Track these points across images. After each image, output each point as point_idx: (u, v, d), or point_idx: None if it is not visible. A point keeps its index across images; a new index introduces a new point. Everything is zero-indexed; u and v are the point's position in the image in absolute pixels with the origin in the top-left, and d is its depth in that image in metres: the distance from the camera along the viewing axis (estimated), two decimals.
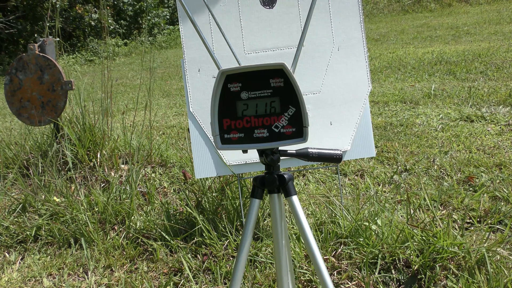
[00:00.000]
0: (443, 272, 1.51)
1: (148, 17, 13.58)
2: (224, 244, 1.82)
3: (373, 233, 1.71)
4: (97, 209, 2.17)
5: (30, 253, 2.00)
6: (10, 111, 2.82)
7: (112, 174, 2.57)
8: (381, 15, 11.06)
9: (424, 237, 1.61)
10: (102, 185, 2.50)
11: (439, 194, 2.02)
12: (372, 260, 1.60)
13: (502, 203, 1.93)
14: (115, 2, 13.59)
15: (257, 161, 1.83)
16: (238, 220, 1.93)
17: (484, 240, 1.58)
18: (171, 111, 4.85)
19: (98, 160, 2.63)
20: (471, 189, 2.14)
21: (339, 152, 0.76)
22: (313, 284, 1.56)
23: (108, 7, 13.06)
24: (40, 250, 2.01)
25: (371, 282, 1.53)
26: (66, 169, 2.62)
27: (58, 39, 2.90)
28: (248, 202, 1.99)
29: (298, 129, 0.62)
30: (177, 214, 2.13)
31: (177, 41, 12.04)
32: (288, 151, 0.74)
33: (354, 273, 1.58)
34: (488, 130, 2.91)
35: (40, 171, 2.54)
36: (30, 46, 2.67)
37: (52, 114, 2.69)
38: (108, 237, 2.02)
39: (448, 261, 1.53)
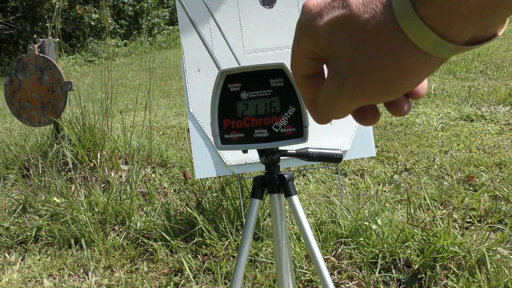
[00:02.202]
0: (443, 272, 1.51)
1: (148, 18, 13.58)
2: (224, 244, 1.82)
3: (374, 233, 1.71)
4: (97, 210, 2.17)
5: (31, 253, 2.00)
6: (10, 112, 2.82)
7: (112, 174, 2.57)
8: None
9: (424, 237, 1.61)
10: (102, 186, 2.50)
11: (439, 194, 2.02)
12: (373, 260, 1.60)
13: (502, 203, 1.93)
14: (115, 3, 13.60)
15: (257, 161, 1.83)
16: (239, 220, 1.93)
17: (484, 240, 1.58)
18: (171, 111, 4.85)
19: (98, 160, 2.63)
20: (471, 188, 2.14)
21: (339, 151, 0.76)
22: (314, 284, 1.56)
23: (108, 8, 13.06)
24: (40, 251, 2.01)
25: (371, 281, 1.53)
26: (66, 169, 2.62)
27: (58, 39, 2.90)
28: (248, 202, 1.99)
29: (298, 129, 0.62)
30: (177, 214, 2.13)
31: (176, 41, 12.04)
32: (288, 151, 0.74)
33: (354, 272, 1.58)
34: (488, 130, 2.91)
35: (40, 171, 2.54)
36: (29, 46, 2.67)
37: (52, 114, 2.69)
38: (109, 238, 2.02)
39: (448, 261, 1.53)
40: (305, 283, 1.57)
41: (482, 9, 0.27)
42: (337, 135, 1.80)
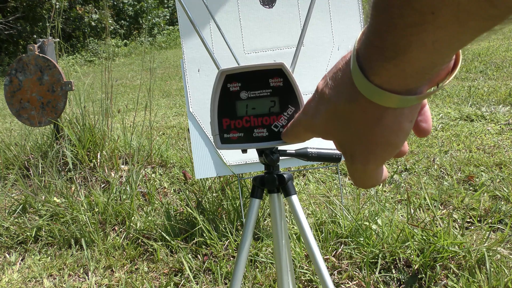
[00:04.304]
0: (443, 272, 1.51)
1: (148, 18, 13.59)
2: (224, 244, 1.82)
3: (374, 233, 1.71)
4: (97, 210, 2.17)
5: (31, 253, 2.00)
6: (10, 112, 2.82)
7: (112, 174, 2.57)
8: None
9: (424, 237, 1.61)
10: (102, 186, 2.50)
11: (439, 194, 2.02)
12: (373, 260, 1.60)
13: (502, 202, 1.93)
14: (115, 3, 13.60)
15: (257, 161, 1.83)
16: (238, 220, 1.93)
17: (484, 240, 1.58)
18: (171, 112, 4.85)
19: (98, 160, 2.63)
20: (471, 188, 2.14)
21: (338, 151, 0.76)
22: (314, 284, 1.56)
23: (108, 8, 13.07)
24: (40, 251, 2.01)
25: (371, 281, 1.53)
26: (66, 169, 2.62)
27: (58, 39, 2.90)
28: (248, 202, 1.99)
29: None
30: (178, 214, 2.13)
31: (176, 41, 12.04)
32: (287, 151, 0.74)
33: (354, 272, 1.58)
34: (488, 130, 2.91)
35: (40, 171, 2.54)
36: (29, 47, 2.67)
37: (52, 115, 2.69)
38: (109, 238, 2.02)
39: (448, 261, 1.53)
40: (305, 283, 1.57)
41: (425, 67, 0.31)
42: None
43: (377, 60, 0.32)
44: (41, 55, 2.67)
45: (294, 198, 0.78)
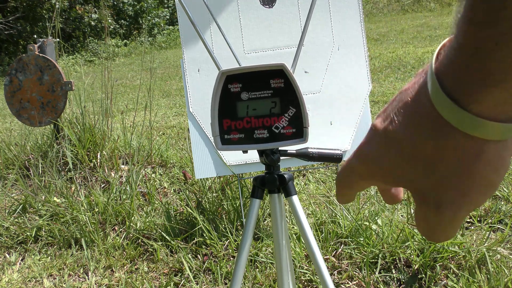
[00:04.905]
0: (443, 272, 1.51)
1: (148, 18, 13.58)
2: (224, 244, 1.82)
3: (374, 233, 1.71)
4: (97, 210, 2.17)
5: (31, 253, 2.00)
6: (10, 112, 2.82)
7: (112, 174, 2.57)
8: (380, 14, 11.06)
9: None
10: (102, 186, 2.50)
11: None
12: (373, 260, 1.60)
13: (502, 203, 1.93)
14: (115, 3, 13.60)
15: (257, 161, 1.83)
16: (239, 220, 1.93)
17: (484, 240, 1.58)
18: (171, 112, 4.85)
19: (98, 160, 2.63)
20: None
21: (339, 152, 0.76)
22: (314, 284, 1.56)
23: (108, 8, 13.07)
24: (40, 251, 2.01)
25: (371, 281, 1.53)
26: (66, 169, 2.62)
27: (58, 39, 2.90)
28: (248, 202, 1.99)
29: (298, 130, 0.62)
30: (178, 214, 2.13)
31: (176, 41, 12.04)
32: (288, 151, 0.74)
33: (354, 272, 1.58)
34: None
35: (40, 171, 2.54)
36: (29, 47, 2.67)
37: (52, 114, 2.69)
38: (109, 238, 2.02)
39: (448, 261, 1.53)
40: (305, 283, 1.57)
41: None
42: (337, 135, 1.80)
43: (478, 85, 0.27)
44: (41, 55, 2.67)
45: (295, 198, 0.78)
